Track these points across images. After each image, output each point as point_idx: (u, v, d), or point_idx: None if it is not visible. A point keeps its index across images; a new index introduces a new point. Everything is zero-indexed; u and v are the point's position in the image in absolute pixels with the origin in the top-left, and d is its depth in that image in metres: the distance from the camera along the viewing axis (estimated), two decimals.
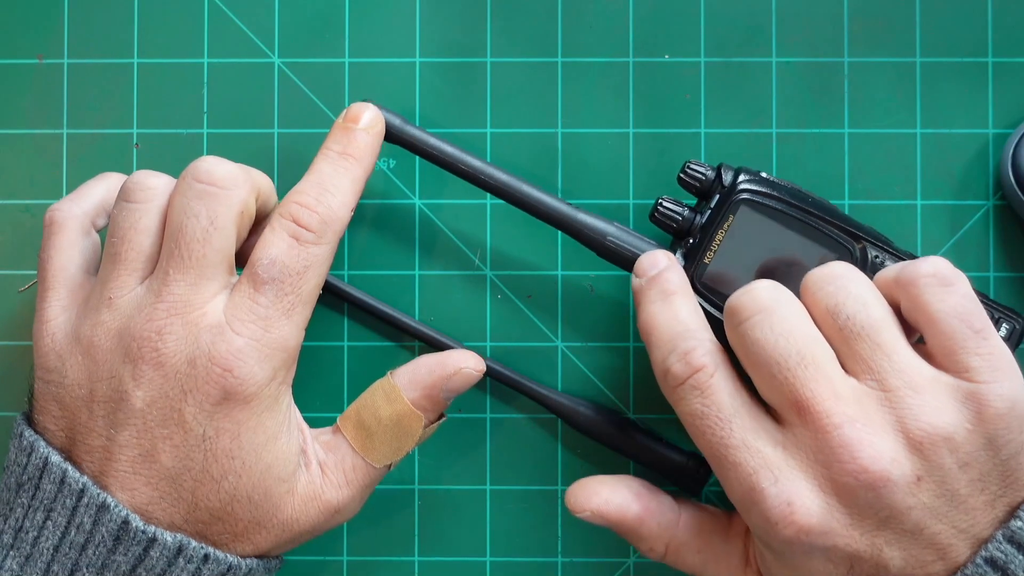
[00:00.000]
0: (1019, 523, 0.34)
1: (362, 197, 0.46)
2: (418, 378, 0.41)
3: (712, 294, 0.41)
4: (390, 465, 0.41)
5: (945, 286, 0.36)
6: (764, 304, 0.36)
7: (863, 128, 0.46)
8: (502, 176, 0.42)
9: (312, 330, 0.45)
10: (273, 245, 0.38)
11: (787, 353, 0.35)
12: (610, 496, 0.40)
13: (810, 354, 0.35)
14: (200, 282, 0.38)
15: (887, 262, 0.41)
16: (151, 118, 0.46)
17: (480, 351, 0.45)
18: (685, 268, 0.41)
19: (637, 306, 0.40)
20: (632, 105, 0.46)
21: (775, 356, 0.35)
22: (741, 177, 0.41)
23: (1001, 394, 0.34)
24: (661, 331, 0.38)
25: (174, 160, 0.46)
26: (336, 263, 0.46)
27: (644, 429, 0.44)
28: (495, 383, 0.46)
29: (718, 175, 0.41)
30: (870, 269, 0.41)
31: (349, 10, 0.46)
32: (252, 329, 0.38)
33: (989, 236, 0.45)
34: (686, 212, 0.42)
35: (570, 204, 0.42)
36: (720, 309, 0.41)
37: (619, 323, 0.46)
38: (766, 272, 0.41)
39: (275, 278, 0.38)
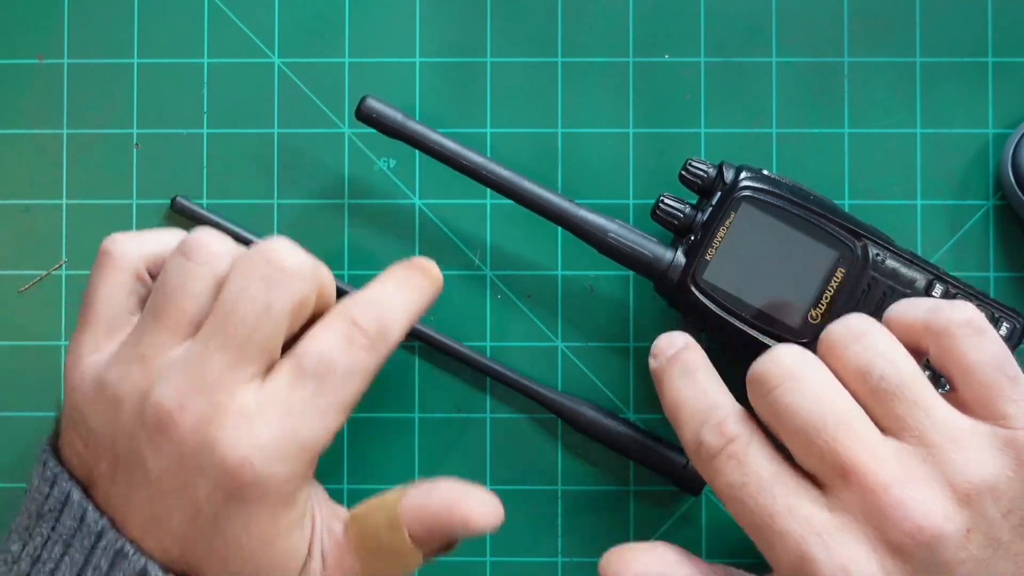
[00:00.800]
0: None
1: (362, 197, 0.46)
2: (426, 513, 0.37)
3: (714, 291, 0.41)
4: None
5: (980, 335, 0.35)
6: (790, 370, 0.35)
7: (863, 128, 0.46)
8: (503, 172, 0.42)
9: None
10: (324, 341, 0.36)
11: (823, 418, 0.34)
12: (649, 561, 0.38)
13: (845, 417, 0.34)
14: (239, 364, 0.35)
15: (888, 261, 0.41)
16: (151, 118, 0.46)
17: (480, 351, 0.45)
18: (685, 266, 0.41)
19: (659, 385, 0.39)
20: (632, 105, 0.46)
21: (811, 422, 0.34)
22: (743, 175, 0.41)
23: None
24: (690, 406, 0.37)
25: (174, 160, 0.46)
26: (336, 263, 0.46)
27: (644, 430, 0.44)
28: (495, 383, 0.46)
29: (720, 173, 0.41)
30: (871, 267, 0.41)
31: (349, 10, 0.46)
32: (282, 423, 0.35)
33: (989, 236, 0.45)
34: (687, 209, 0.42)
35: (572, 201, 0.42)
36: (722, 307, 0.41)
37: (619, 323, 0.46)
38: (767, 269, 0.41)
39: (319, 374, 0.36)
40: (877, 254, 0.41)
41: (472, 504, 0.37)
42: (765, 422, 0.36)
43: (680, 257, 0.41)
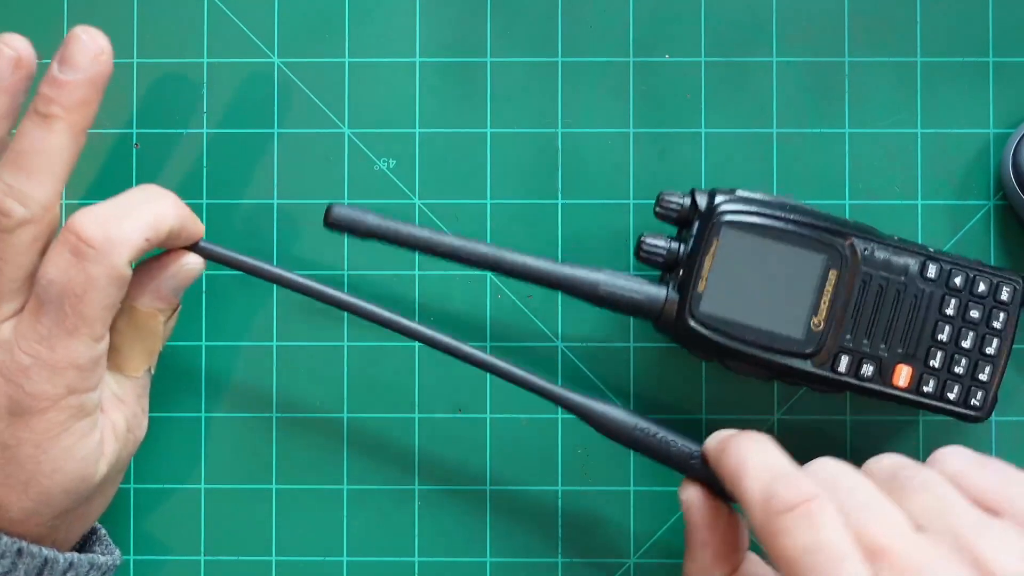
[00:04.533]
0: None
1: (362, 197, 0.46)
2: (140, 284, 0.40)
3: (713, 321, 0.41)
4: (150, 370, 0.42)
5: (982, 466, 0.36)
6: (834, 470, 0.35)
7: (863, 128, 0.46)
8: (482, 248, 0.41)
9: (310, 331, 0.46)
10: (52, 264, 0.38)
11: (858, 505, 0.34)
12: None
13: (883, 506, 0.34)
14: None
15: (877, 253, 0.41)
16: (151, 118, 0.46)
17: (480, 351, 0.45)
18: (679, 302, 0.41)
19: (720, 450, 0.37)
20: (632, 105, 0.46)
21: (852, 506, 0.34)
22: (718, 199, 0.41)
23: None
24: (762, 459, 0.36)
25: (174, 160, 0.46)
26: (336, 263, 0.46)
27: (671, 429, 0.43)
28: (497, 381, 0.46)
29: (693, 201, 0.41)
30: (863, 263, 0.41)
31: (349, 10, 0.46)
32: (37, 349, 0.37)
33: (989, 236, 0.45)
34: (671, 244, 0.41)
35: (554, 261, 0.42)
36: (725, 335, 0.40)
37: (619, 323, 0.46)
38: (760, 287, 0.41)
39: (53, 300, 0.37)
40: (865, 248, 0.41)
41: (174, 254, 0.41)
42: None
43: (673, 293, 0.41)
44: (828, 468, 0.35)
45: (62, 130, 0.38)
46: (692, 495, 0.40)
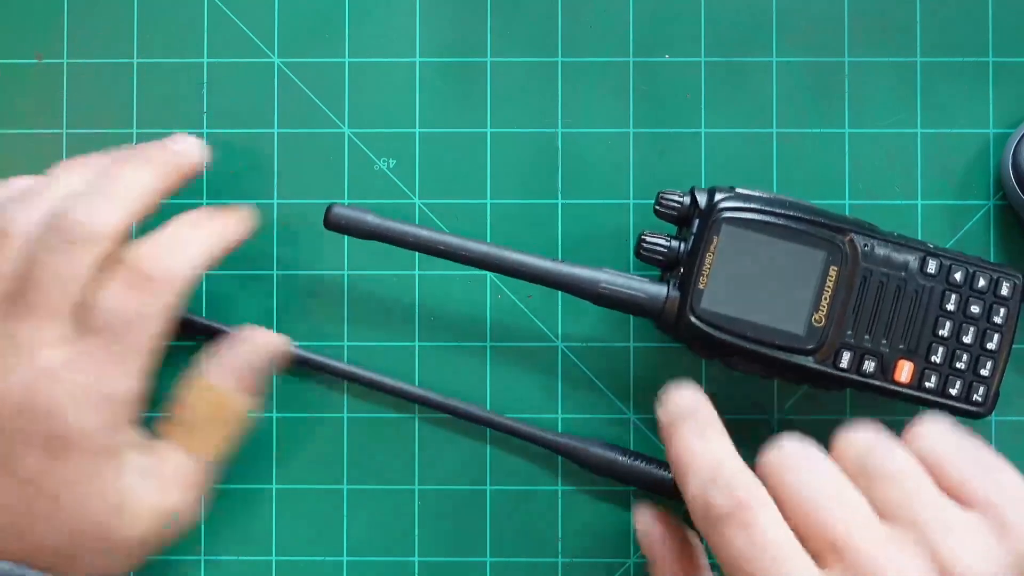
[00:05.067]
0: None
1: (362, 197, 0.46)
2: (225, 368, 0.41)
3: (714, 318, 0.40)
4: (219, 455, 0.42)
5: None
6: (797, 453, 0.35)
7: (863, 128, 0.46)
8: (482, 248, 0.41)
9: (310, 331, 0.46)
10: (110, 292, 0.38)
11: (824, 494, 0.34)
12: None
13: (845, 496, 0.34)
14: (42, 327, 0.38)
15: (877, 249, 0.41)
16: (151, 118, 0.46)
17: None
18: (680, 300, 0.41)
19: (666, 438, 0.38)
20: (632, 105, 0.46)
21: (811, 497, 0.34)
22: (717, 196, 0.41)
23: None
24: (700, 461, 0.36)
25: None
26: (336, 263, 0.46)
27: (651, 458, 0.44)
28: (495, 380, 0.46)
29: (693, 199, 0.41)
30: (863, 259, 0.41)
31: (349, 10, 0.46)
32: (83, 378, 0.37)
33: (989, 236, 0.45)
34: (671, 242, 0.42)
35: (555, 260, 0.42)
36: (726, 332, 0.40)
37: (619, 323, 0.46)
38: (761, 284, 0.40)
39: (108, 326, 0.38)
40: (865, 244, 0.41)
41: (258, 337, 0.42)
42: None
43: (674, 291, 0.41)
44: (788, 453, 0.35)
45: (149, 172, 0.40)
46: (647, 523, 0.40)
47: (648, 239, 0.41)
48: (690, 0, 0.46)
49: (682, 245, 0.41)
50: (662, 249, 0.41)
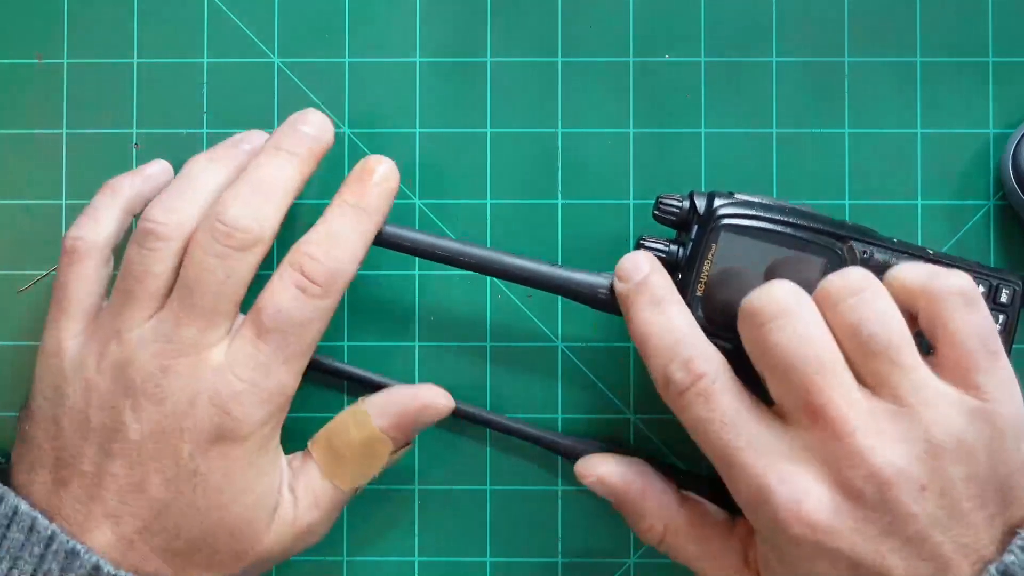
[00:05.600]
0: (1012, 557, 0.35)
1: None
2: (389, 408, 0.42)
3: (712, 325, 0.40)
4: (357, 488, 0.42)
5: (970, 305, 0.36)
6: (784, 307, 0.36)
7: (863, 128, 0.46)
8: (482, 252, 0.42)
9: None
10: (279, 295, 0.39)
11: (805, 358, 0.36)
12: (617, 467, 0.42)
13: (827, 361, 0.36)
14: (209, 329, 0.39)
15: (876, 255, 0.41)
16: (151, 118, 0.46)
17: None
18: None
19: (626, 312, 0.40)
20: (632, 105, 0.46)
21: (793, 360, 0.36)
22: (716, 202, 0.41)
23: (1006, 413, 0.35)
24: (658, 339, 0.38)
25: (174, 160, 0.46)
26: None
27: (650, 459, 0.44)
28: (495, 379, 0.46)
29: (692, 204, 0.41)
30: (861, 265, 0.40)
31: (349, 10, 0.46)
32: (252, 375, 0.39)
33: (989, 236, 0.45)
34: (670, 247, 0.41)
35: (554, 265, 0.42)
36: (725, 339, 0.40)
37: (619, 323, 0.46)
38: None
39: (278, 328, 0.39)
40: (864, 251, 0.41)
41: (428, 392, 0.43)
42: (749, 353, 0.37)
43: None
44: (777, 305, 0.37)
45: (294, 167, 0.41)
46: (603, 474, 0.42)
47: (646, 243, 0.41)
48: (690, 0, 0.46)
49: (680, 250, 0.41)
50: (661, 254, 0.41)
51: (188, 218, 0.40)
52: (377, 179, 0.41)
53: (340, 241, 0.40)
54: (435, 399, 0.42)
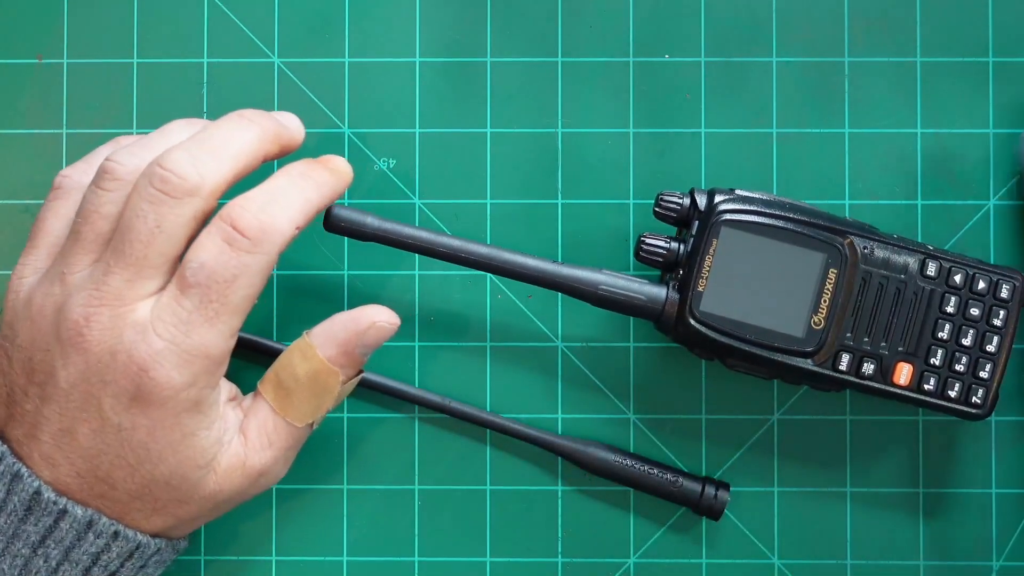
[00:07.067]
0: None
1: (362, 197, 0.46)
2: (333, 335, 0.40)
3: (714, 320, 0.40)
4: (312, 424, 0.41)
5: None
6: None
7: (863, 128, 0.46)
8: (482, 249, 0.41)
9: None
10: (205, 248, 0.38)
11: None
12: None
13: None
14: (136, 280, 0.38)
15: (876, 251, 0.41)
16: (151, 118, 0.46)
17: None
18: (680, 302, 0.41)
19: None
20: (632, 105, 0.46)
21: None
22: (717, 198, 0.41)
23: None
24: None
25: None
26: (336, 263, 0.46)
27: (651, 460, 0.44)
28: (495, 378, 0.46)
29: (692, 201, 0.41)
30: (862, 261, 0.41)
31: (349, 10, 0.46)
32: (173, 333, 0.37)
33: (989, 236, 0.45)
34: (671, 244, 0.42)
35: (554, 262, 0.42)
36: (725, 334, 0.40)
37: (619, 323, 0.46)
38: (761, 286, 0.41)
39: (200, 283, 0.37)
40: (864, 247, 0.41)
41: (370, 311, 0.41)
42: None
43: (673, 293, 0.41)
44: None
45: (254, 132, 0.40)
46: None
47: (648, 241, 0.42)
48: (690, 0, 0.46)
49: (681, 247, 0.41)
50: (662, 251, 0.41)
51: (141, 165, 0.39)
52: (332, 165, 0.41)
53: (278, 197, 0.39)
54: (376, 315, 0.40)
